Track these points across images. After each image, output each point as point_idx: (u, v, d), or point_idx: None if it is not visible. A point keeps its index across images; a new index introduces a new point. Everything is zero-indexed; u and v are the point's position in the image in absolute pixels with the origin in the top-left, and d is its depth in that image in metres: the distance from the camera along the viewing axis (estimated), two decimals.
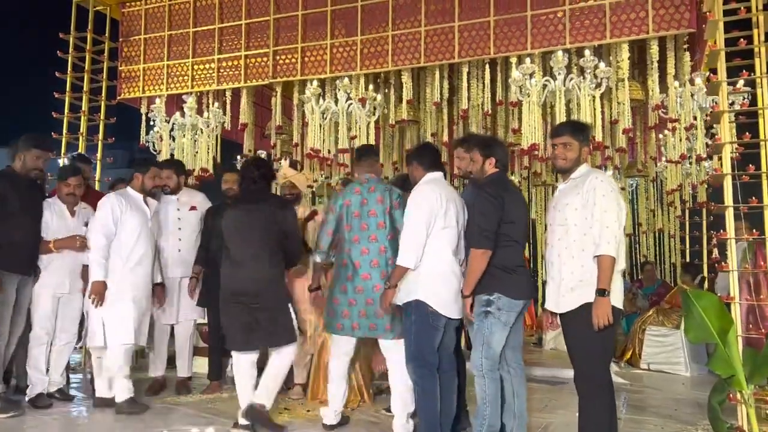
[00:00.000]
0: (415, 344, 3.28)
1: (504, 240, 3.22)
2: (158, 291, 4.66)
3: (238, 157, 7.73)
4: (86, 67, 6.68)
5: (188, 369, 5.06)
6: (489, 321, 3.19)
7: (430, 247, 3.27)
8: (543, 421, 4.08)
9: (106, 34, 6.82)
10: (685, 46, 5.62)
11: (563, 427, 3.89)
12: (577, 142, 3.19)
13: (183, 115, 6.59)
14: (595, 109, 5.16)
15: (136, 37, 6.71)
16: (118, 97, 6.79)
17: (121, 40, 6.79)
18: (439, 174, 3.51)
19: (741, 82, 4.47)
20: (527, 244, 8.63)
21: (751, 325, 4.40)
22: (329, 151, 6.26)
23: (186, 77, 6.46)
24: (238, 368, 3.84)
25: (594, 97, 5.12)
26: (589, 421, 3.02)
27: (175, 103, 6.85)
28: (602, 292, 2.93)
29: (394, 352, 3.58)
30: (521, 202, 3.50)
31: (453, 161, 3.99)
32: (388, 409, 3.97)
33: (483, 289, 3.22)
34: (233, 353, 3.86)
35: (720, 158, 4.37)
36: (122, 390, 4.23)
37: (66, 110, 6.59)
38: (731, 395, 3.94)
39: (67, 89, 6.61)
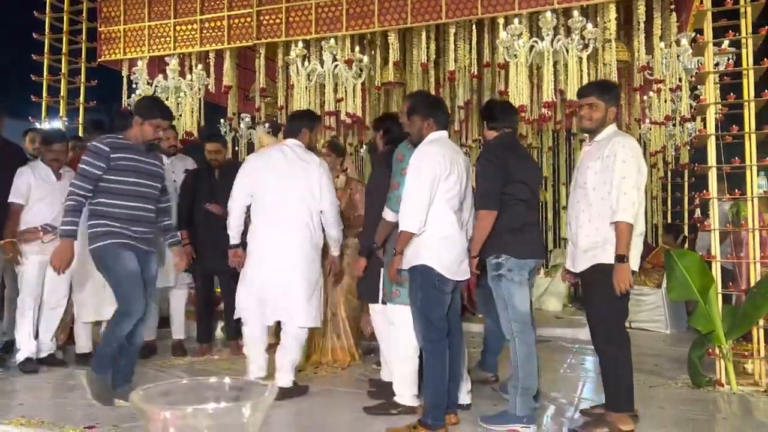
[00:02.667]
0: (423, 310, 3.11)
1: (510, 200, 3.23)
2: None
3: (222, 120, 7.65)
4: (64, 28, 6.53)
5: (184, 331, 5.09)
6: (504, 284, 3.19)
7: (433, 210, 3.10)
8: None
9: None
10: (672, 7, 5.62)
11: (550, 384, 3.99)
12: (603, 103, 3.15)
13: (166, 77, 6.47)
14: (581, 70, 5.15)
15: None
16: (99, 59, 6.65)
17: (99, 0, 6.62)
18: (444, 133, 3.31)
19: (726, 43, 4.50)
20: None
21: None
22: None
23: (168, 38, 6.33)
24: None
25: (581, 58, 5.11)
26: (613, 382, 3.08)
27: (157, 65, 6.73)
28: (621, 258, 2.95)
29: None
30: (529, 162, 3.54)
31: None
32: (378, 363, 4.05)
33: (490, 251, 3.21)
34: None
35: (704, 119, 4.41)
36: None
37: (45, 72, 6.45)
38: (710, 350, 4.08)
39: (45, 51, 6.46)
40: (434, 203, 3.10)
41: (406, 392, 3.40)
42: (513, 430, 3.08)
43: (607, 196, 3.00)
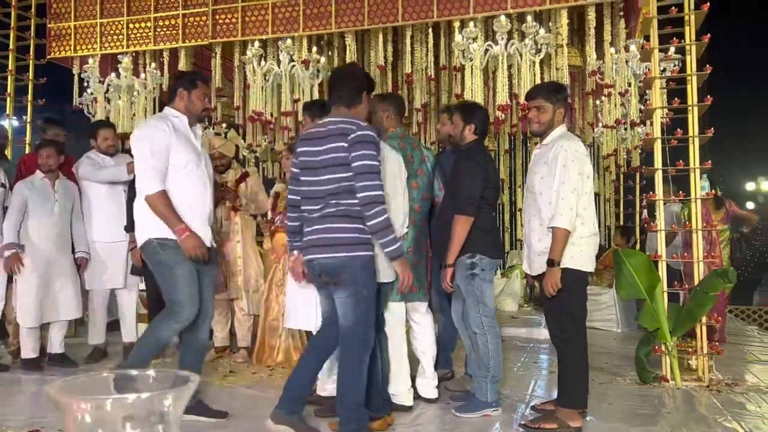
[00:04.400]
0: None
1: (484, 203, 3.33)
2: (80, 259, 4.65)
3: None
4: (12, 24, 6.33)
5: (135, 333, 4.98)
6: (477, 282, 3.29)
7: None
8: None
9: None
10: (621, 14, 5.77)
11: (503, 382, 4.04)
12: (551, 105, 3.16)
13: (118, 76, 6.34)
14: (535, 74, 5.25)
15: None
16: (48, 57, 6.47)
17: None
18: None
19: (672, 49, 4.65)
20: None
21: None
22: (272, 114, 6.18)
23: (121, 36, 6.21)
24: None
25: (534, 62, 5.21)
26: (567, 379, 3.15)
27: (110, 63, 6.59)
28: (551, 263, 3.02)
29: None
30: (494, 167, 3.65)
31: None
32: None
33: (465, 251, 3.29)
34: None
35: (652, 123, 4.55)
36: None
37: None
38: (657, 347, 4.20)
39: None
40: None
41: (400, 388, 3.43)
42: (487, 414, 3.31)
43: (551, 199, 3.06)
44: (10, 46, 6.34)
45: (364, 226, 2.76)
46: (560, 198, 2.99)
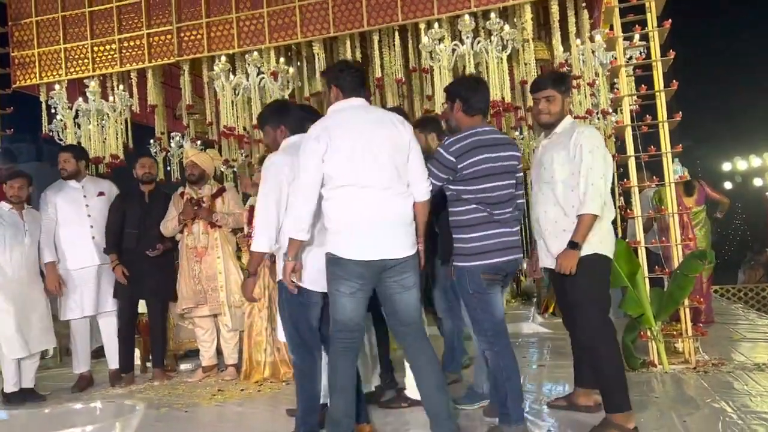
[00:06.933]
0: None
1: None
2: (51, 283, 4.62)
3: (152, 141, 7.46)
4: None
5: (117, 359, 4.92)
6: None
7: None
8: None
9: None
10: (584, 5, 5.82)
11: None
12: (560, 94, 3.09)
13: (86, 100, 6.27)
14: (503, 71, 5.27)
15: (27, 20, 6.28)
16: (13, 86, 6.37)
17: (10, 23, 6.34)
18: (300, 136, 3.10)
19: (636, 37, 4.68)
20: None
21: None
22: (244, 128, 6.14)
23: (86, 60, 6.13)
24: None
25: (501, 58, 5.22)
26: (609, 381, 2.97)
27: (77, 88, 6.50)
28: (575, 245, 2.94)
29: None
30: None
31: None
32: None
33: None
34: None
35: (622, 111, 4.58)
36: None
37: None
38: (642, 333, 4.22)
39: None
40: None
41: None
42: (483, 405, 3.40)
43: (576, 187, 2.97)
44: None
45: None
46: (589, 184, 2.92)
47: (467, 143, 2.97)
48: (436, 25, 5.25)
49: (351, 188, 2.79)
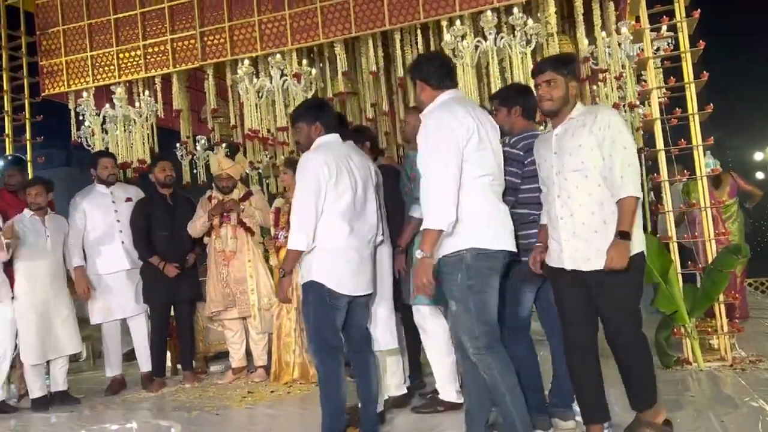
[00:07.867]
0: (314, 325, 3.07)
1: None
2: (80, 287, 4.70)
3: (178, 144, 7.53)
4: (3, 65, 6.37)
5: (149, 362, 4.96)
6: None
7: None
8: None
9: (22, 29, 6.50)
10: None
11: None
12: (562, 77, 2.76)
13: (113, 106, 6.36)
14: (527, 66, 5.19)
15: (54, 29, 6.39)
16: (42, 94, 6.50)
17: (38, 33, 6.46)
18: (334, 136, 3.21)
19: (664, 28, 4.59)
20: None
21: None
22: (268, 131, 6.16)
23: (112, 67, 6.22)
24: None
25: (525, 54, 5.15)
26: (642, 380, 2.83)
27: (104, 94, 6.60)
28: (626, 235, 2.61)
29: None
30: None
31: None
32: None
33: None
34: None
35: (650, 104, 4.49)
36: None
37: None
38: (676, 330, 4.14)
39: None
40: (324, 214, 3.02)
41: (449, 388, 3.40)
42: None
43: (609, 173, 2.66)
44: (5, 87, 6.38)
45: None
46: (626, 165, 2.62)
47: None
48: (458, 22, 5.20)
49: (487, 177, 2.73)
